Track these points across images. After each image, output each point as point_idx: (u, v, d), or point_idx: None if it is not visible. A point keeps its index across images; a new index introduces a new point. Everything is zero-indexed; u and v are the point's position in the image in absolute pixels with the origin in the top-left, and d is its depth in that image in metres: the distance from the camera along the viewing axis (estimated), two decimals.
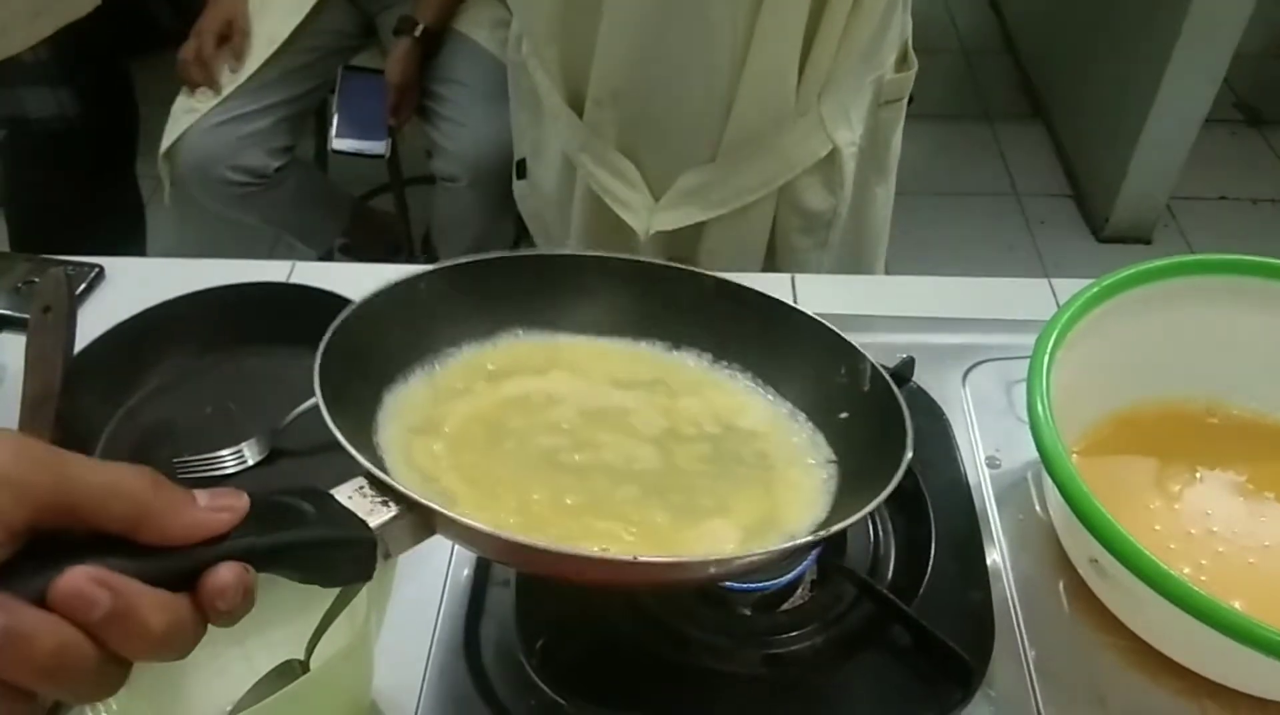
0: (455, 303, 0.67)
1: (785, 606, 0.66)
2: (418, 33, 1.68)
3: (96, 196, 1.77)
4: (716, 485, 0.59)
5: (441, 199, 1.83)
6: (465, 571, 0.69)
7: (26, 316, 0.78)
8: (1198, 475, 0.72)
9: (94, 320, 0.82)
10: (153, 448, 0.79)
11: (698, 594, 0.66)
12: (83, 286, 0.91)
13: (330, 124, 1.80)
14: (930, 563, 0.67)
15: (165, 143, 1.67)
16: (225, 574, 0.36)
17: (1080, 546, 0.65)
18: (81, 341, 0.80)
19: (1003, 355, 0.81)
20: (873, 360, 0.60)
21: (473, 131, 1.70)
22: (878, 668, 0.62)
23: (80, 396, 0.79)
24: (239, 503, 0.37)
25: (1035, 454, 0.61)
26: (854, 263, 1.09)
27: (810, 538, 0.52)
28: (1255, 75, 2.88)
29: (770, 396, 0.66)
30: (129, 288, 0.91)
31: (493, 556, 0.62)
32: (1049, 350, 0.64)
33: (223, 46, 1.66)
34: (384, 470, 0.51)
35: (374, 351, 0.62)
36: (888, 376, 0.59)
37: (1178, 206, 2.50)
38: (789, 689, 0.62)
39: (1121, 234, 2.44)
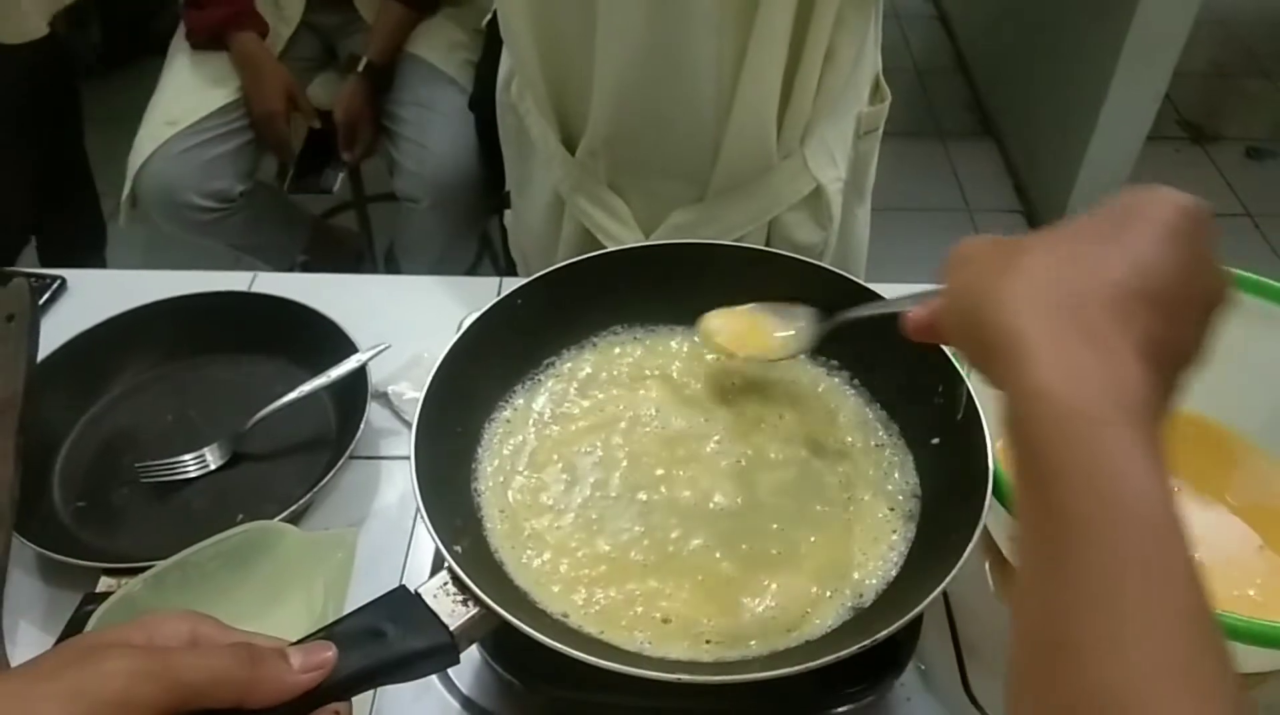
0: (554, 312, 0.70)
1: None
2: (360, 68, 1.71)
3: (44, 220, 1.77)
4: (790, 529, 0.62)
5: (404, 219, 1.84)
6: (423, 561, 0.71)
7: None
8: None
9: (56, 330, 0.83)
10: (115, 454, 0.81)
11: None
12: (45, 297, 0.92)
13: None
14: None
15: (131, 170, 1.66)
16: None
17: (1000, 525, 0.68)
18: (44, 351, 0.81)
19: None
20: (970, 387, 0.61)
21: (434, 152, 1.72)
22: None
23: (43, 404, 0.80)
24: (327, 657, 0.42)
25: None
26: None
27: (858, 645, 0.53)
28: (1197, 93, 2.97)
29: (864, 398, 0.70)
30: (91, 298, 0.92)
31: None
32: None
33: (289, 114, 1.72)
34: (478, 515, 0.60)
35: (475, 386, 0.66)
36: (980, 408, 0.60)
37: None
38: None
39: None
